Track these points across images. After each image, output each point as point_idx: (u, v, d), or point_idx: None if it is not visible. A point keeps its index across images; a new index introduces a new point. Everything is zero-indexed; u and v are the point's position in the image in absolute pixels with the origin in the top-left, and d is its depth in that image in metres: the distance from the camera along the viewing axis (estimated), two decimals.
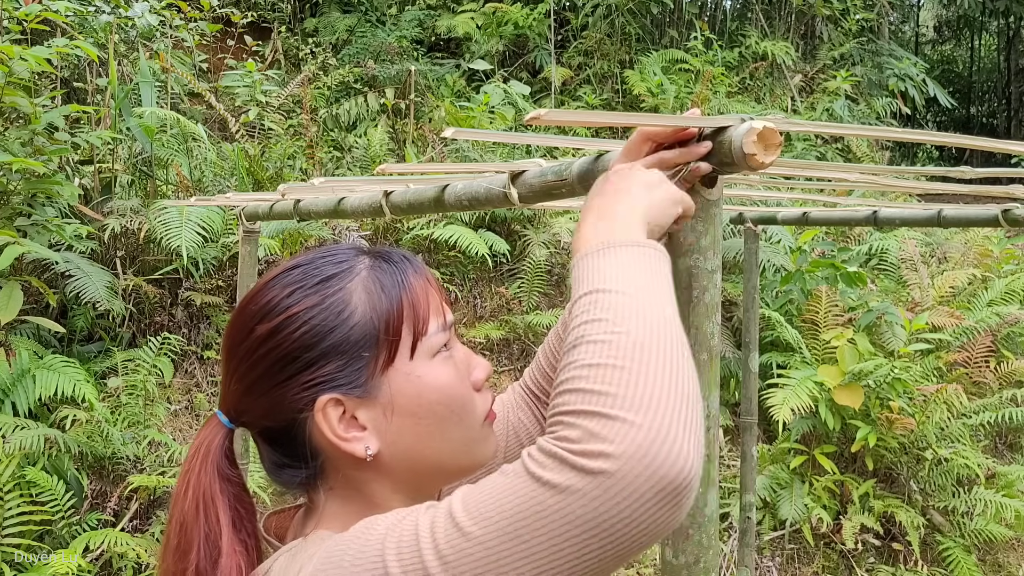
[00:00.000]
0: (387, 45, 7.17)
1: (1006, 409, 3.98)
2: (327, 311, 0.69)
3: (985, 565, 3.86)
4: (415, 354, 0.71)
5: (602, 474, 0.49)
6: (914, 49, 13.53)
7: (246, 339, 0.71)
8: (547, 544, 0.50)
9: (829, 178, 1.71)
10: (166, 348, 3.62)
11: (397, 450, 0.71)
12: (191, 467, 0.71)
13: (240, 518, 0.71)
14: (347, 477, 0.72)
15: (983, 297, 4.83)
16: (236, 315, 0.73)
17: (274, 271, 0.74)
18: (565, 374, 0.56)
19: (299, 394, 0.69)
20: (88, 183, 4.09)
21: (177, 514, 0.70)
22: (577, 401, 0.53)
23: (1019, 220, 1.78)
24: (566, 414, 0.53)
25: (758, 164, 0.72)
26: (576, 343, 0.57)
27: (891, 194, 3.64)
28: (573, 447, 0.50)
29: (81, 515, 3.03)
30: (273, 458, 0.73)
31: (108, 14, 4.45)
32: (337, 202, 1.61)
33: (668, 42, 8.24)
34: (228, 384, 0.73)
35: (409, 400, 0.70)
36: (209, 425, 0.74)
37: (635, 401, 0.51)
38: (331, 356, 0.69)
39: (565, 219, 5.07)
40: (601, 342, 0.55)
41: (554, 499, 0.50)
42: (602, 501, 0.49)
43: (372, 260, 0.74)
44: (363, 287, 0.71)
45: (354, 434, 0.69)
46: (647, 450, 0.49)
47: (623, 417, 0.50)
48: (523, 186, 1.00)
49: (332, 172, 5.44)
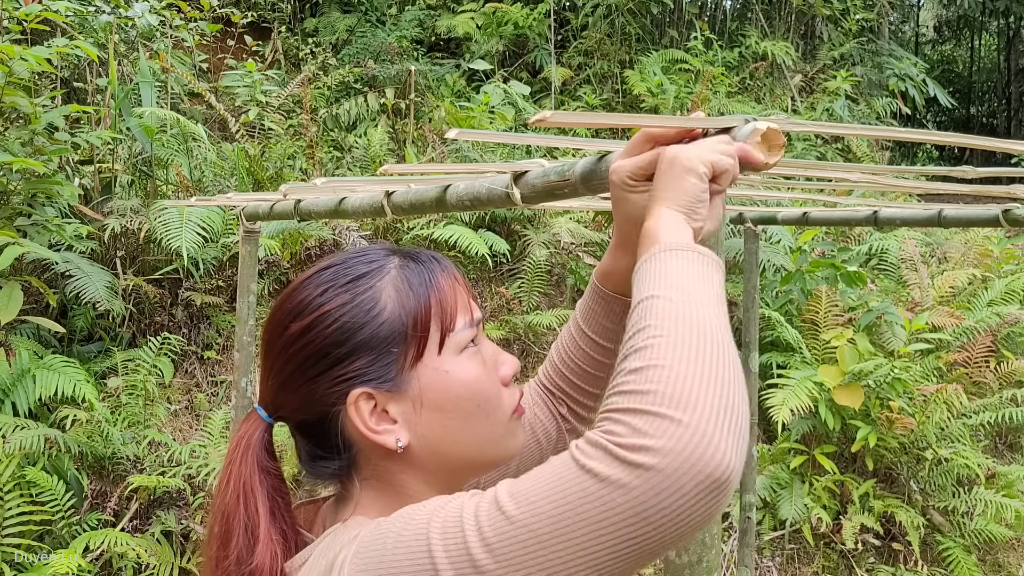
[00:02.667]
0: (387, 45, 7.17)
1: (1006, 409, 3.98)
2: (357, 308, 0.72)
3: (985, 565, 3.86)
4: (443, 350, 0.74)
5: (645, 468, 0.50)
6: (914, 49, 13.54)
7: (280, 336, 0.74)
8: (588, 531, 0.52)
9: (829, 178, 1.71)
10: (166, 348, 3.62)
11: (427, 443, 0.73)
12: (232, 459, 0.75)
13: (278, 508, 0.74)
14: (379, 468, 0.75)
15: (983, 297, 4.84)
16: (272, 314, 0.77)
17: (308, 271, 0.77)
18: (614, 380, 0.58)
19: (331, 388, 0.72)
20: (88, 183, 4.09)
21: (220, 504, 0.73)
22: (624, 401, 0.55)
23: (1019, 220, 1.78)
24: (614, 411, 0.55)
25: (762, 165, 0.73)
26: (627, 353, 0.59)
27: (891, 194, 3.64)
28: (619, 440, 0.52)
29: (81, 515, 3.03)
30: (308, 450, 0.76)
31: (108, 14, 4.45)
32: (338, 202, 1.61)
33: (668, 42, 8.24)
34: (266, 380, 0.76)
35: (437, 394, 0.73)
36: (249, 419, 0.77)
37: (678, 399, 0.52)
38: (361, 351, 0.72)
39: (565, 219, 5.07)
40: (646, 347, 0.57)
41: (598, 488, 0.52)
42: (644, 493, 0.50)
43: (401, 260, 0.77)
44: (392, 285, 0.74)
45: (385, 427, 0.72)
46: (689, 446, 0.50)
47: (667, 414, 0.52)
48: (525, 186, 1.00)
49: (332, 172, 5.44)
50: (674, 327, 0.58)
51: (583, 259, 5.01)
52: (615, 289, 0.92)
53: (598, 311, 0.94)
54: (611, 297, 0.93)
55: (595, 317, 0.95)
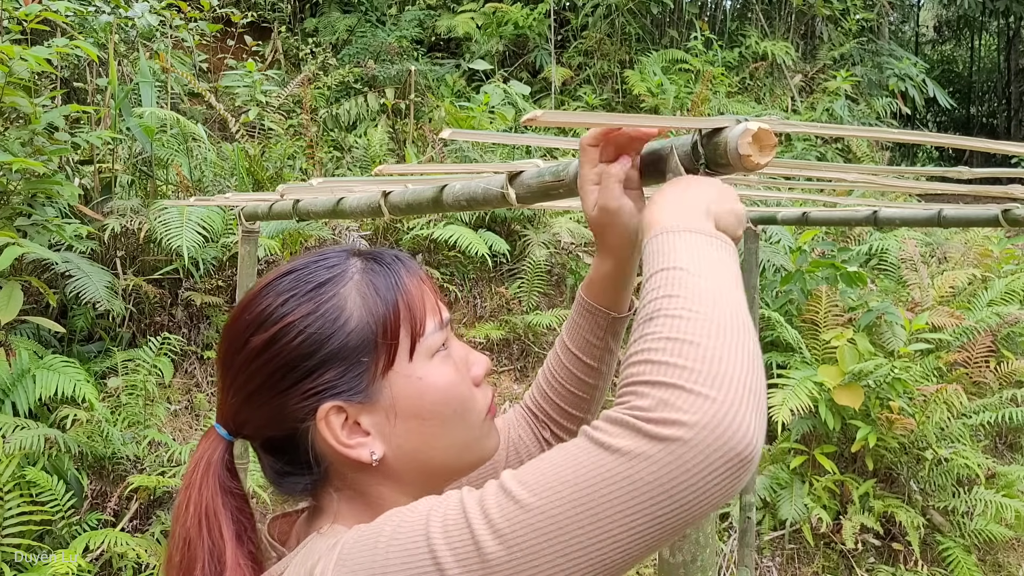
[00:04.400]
0: (387, 45, 7.17)
1: (1006, 409, 3.98)
2: (323, 318, 0.69)
3: (985, 565, 3.86)
4: (414, 355, 0.71)
5: (676, 441, 0.50)
6: (914, 49, 13.53)
7: (241, 351, 0.70)
8: (614, 509, 0.50)
9: (829, 178, 1.71)
10: (166, 348, 3.62)
11: (403, 452, 0.71)
12: (192, 482, 0.71)
13: (243, 530, 0.70)
14: (353, 481, 0.72)
15: (983, 297, 4.83)
16: (230, 326, 0.72)
17: (266, 278, 0.73)
18: (641, 344, 0.56)
19: (300, 404, 0.69)
20: (88, 183, 4.09)
21: (180, 530, 0.69)
22: (653, 372, 0.54)
23: (1019, 220, 1.78)
24: (640, 384, 0.54)
25: (753, 165, 0.73)
26: (652, 315, 0.58)
27: (891, 194, 3.64)
28: (646, 415, 0.51)
29: (81, 515, 3.03)
30: (276, 467, 0.73)
31: (108, 14, 4.45)
32: (336, 202, 1.61)
33: (668, 42, 8.24)
34: (226, 396, 0.72)
35: (411, 402, 0.70)
36: (208, 438, 0.73)
37: (711, 377, 0.52)
38: (330, 364, 0.68)
39: (565, 219, 5.07)
40: (678, 317, 0.56)
41: (623, 465, 0.51)
42: (673, 467, 0.50)
43: (364, 262, 0.73)
44: (357, 291, 0.71)
45: (358, 440, 0.69)
46: (720, 421, 0.50)
47: (699, 391, 0.51)
48: (520, 187, 1.00)
49: (332, 172, 5.44)
50: (710, 305, 0.57)
51: (583, 259, 5.01)
52: (599, 301, 0.92)
53: (583, 325, 0.94)
54: (596, 310, 0.93)
55: (579, 332, 0.94)
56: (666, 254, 0.63)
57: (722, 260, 0.63)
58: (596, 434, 0.53)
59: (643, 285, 0.63)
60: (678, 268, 0.61)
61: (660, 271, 0.61)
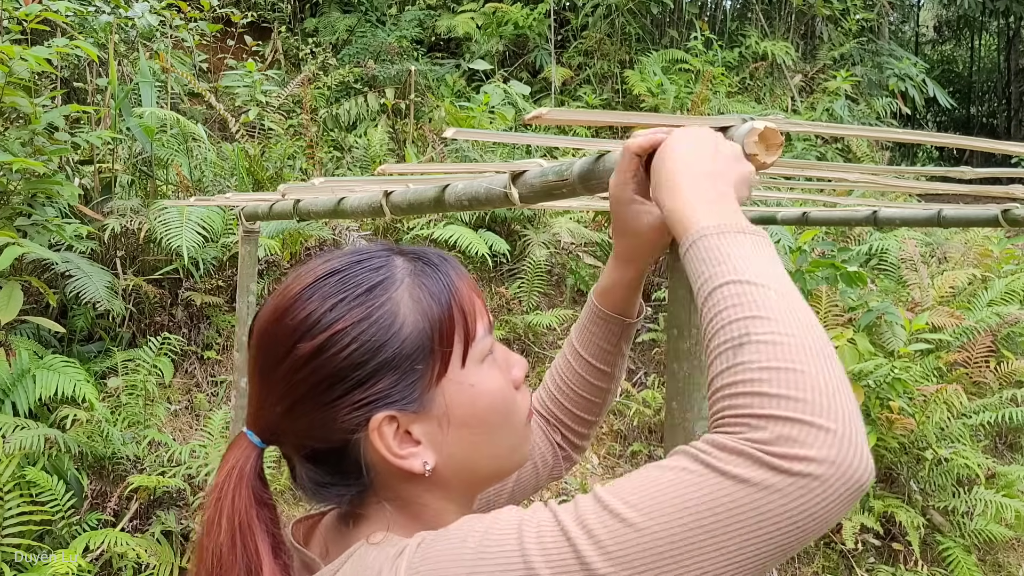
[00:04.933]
0: (387, 45, 7.17)
1: (1006, 409, 3.98)
2: (376, 325, 0.65)
3: (985, 565, 3.86)
4: (466, 361, 0.68)
5: (806, 476, 0.51)
6: (914, 49, 13.54)
7: (284, 359, 0.66)
8: (739, 536, 0.51)
9: (829, 178, 1.71)
10: (166, 348, 3.62)
11: (453, 461, 0.68)
12: (223, 493, 0.67)
13: (278, 543, 0.67)
14: (399, 490, 0.69)
15: (983, 297, 4.83)
16: (268, 331, 0.68)
17: (304, 279, 0.68)
18: (741, 375, 0.55)
19: (350, 415, 0.65)
20: (88, 183, 4.09)
21: (210, 544, 0.65)
22: (766, 405, 0.53)
23: (1019, 220, 1.78)
24: (752, 416, 0.53)
25: (759, 164, 0.73)
26: (742, 341, 0.57)
27: (891, 194, 3.64)
28: (770, 448, 0.52)
29: (81, 515, 3.03)
30: (316, 477, 0.69)
31: (108, 14, 4.45)
32: (337, 202, 1.61)
33: (668, 42, 8.24)
34: (263, 404, 0.68)
35: (464, 410, 0.68)
36: (238, 446, 0.69)
37: (825, 408, 0.53)
38: (384, 372, 0.65)
39: (565, 219, 5.07)
40: (772, 344, 0.56)
41: (751, 495, 0.51)
42: (803, 500, 0.51)
43: (409, 263, 0.70)
44: (410, 295, 0.67)
45: (409, 450, 0.67)
46: (845, 456, 0.52)
47: (819, 424, 0.52)
48: (524, 186, 1.00)
49: (332, 172, 5.44)
50: (795, 325, 0.57)
51: (583, 259, 5.01)
52: (614, 308, 0.92)
53: (596, 333, 0.93)
54: (610, 317, 0.92)
55: (592, 339, 0.93)
56: (720, 263, 0.61)
57: (773, 259, 0.62)
58: (714, 462, 0.53)
59: (702, 297, 0.61)
60: (744, 282, 0.59)
61: (725, 284, 0.60)
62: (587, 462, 4.07)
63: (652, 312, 4.85)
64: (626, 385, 4.40)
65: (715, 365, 0.58)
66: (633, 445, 4.21)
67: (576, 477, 3.91)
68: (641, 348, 4.76)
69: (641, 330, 4.71)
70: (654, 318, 4.81)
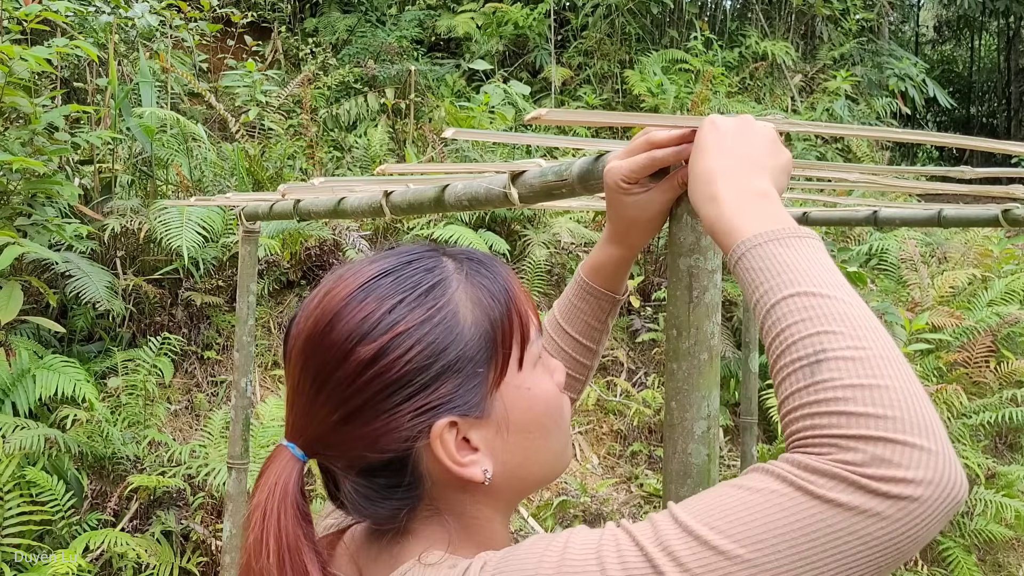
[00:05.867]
0: (387, 45, 7.18)
1: (1006, 409, 3.98)
2: (439, 327, 0.63)
3: (985, 565, 3.86)
4: (523, 364, 0.67)
5: (907, 499, 0.49)
6: (914, 49, 13.54)
7: (342, 364, 0.62)
8: (835, 563, 0.49)
9: (829, 178, 1.71)
10: (166, 348, 3.62)
11: (507, 468, 0.66)
12: (267, 511, 0.63)
13: (324, 562, 0.64)
14: (450, 501, 0.66)
15: (983, 297, 4.84)
16: (321, 336, 0.64)
17: (352, 281, 0.65)
18: (819, 394, 0.53)
19: (412, 421, 0.62)
20: (88, 183, 4.09)
21: (258, 567, 0.61)
22: (853, 424, 0.51)
23: (1019, 220, 1.78)
24: (841, 437, 0.51)
25: None
26: (818, 358, 0.54)
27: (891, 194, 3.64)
28: (865, 471, 0.49)
29: (81, 515, 3.03)
30: (368, 493, 0.65)
31: (108, 14, 4.46)
32: (337, 202, 1.61)
33: (668, 42, 8.25)
34: (311, 414, 0.65)
35: (522, 414, 0.66)
36: (279, 460, 0.65)
37: (917, 424, 0.50)
38: (447, 376, 0.63)
39: (565, 219, 5.07)
40: (851, 359, 0.53)
41: (851, 520, 0.49)
42: (905, 523, 0.49)
43: (463, 264, 0.68)
44: (468, 296, 0.65)
45: (469, 458, 0.64)
46: (942, 474, 0.50)
47: (914, 443, 0.50)
48: (523, 186, 1.01)
49: (332, 172, 5.45)
50: (870, 336, 0.54)
51: (583, 259, 5.01)
52: (603, 284, 0.92)
53: (584, 309, 0.93)
54: (600, 293, 0.92)
55: (579, 316, 0.93)
56: (779, 273, 0.59)
57: (829, 264, 0.60)
58: (807, 485, 0.50)
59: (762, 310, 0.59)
60: (808, 293, 0.57)
61: (788, 298, 0.57)
62: (587, 462, 4.08)
63: (652, 312, 4.86)
64: (626, 385, 4.40)
65: (789, 383, 0.55)
66: (633, 445, 4.21)
67: (576, 477, 3.92)
68: (641, 348, 4.76)
69: (641, 330, 4.71)
70: (654, 318, 4.82)
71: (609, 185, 0.79)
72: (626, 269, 0.91)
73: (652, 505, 3.89)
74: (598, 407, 4.34)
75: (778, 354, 0.56)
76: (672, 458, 0.78)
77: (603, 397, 4.33)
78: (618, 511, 3.79)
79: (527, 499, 3.79)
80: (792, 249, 0.60)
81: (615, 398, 4.36)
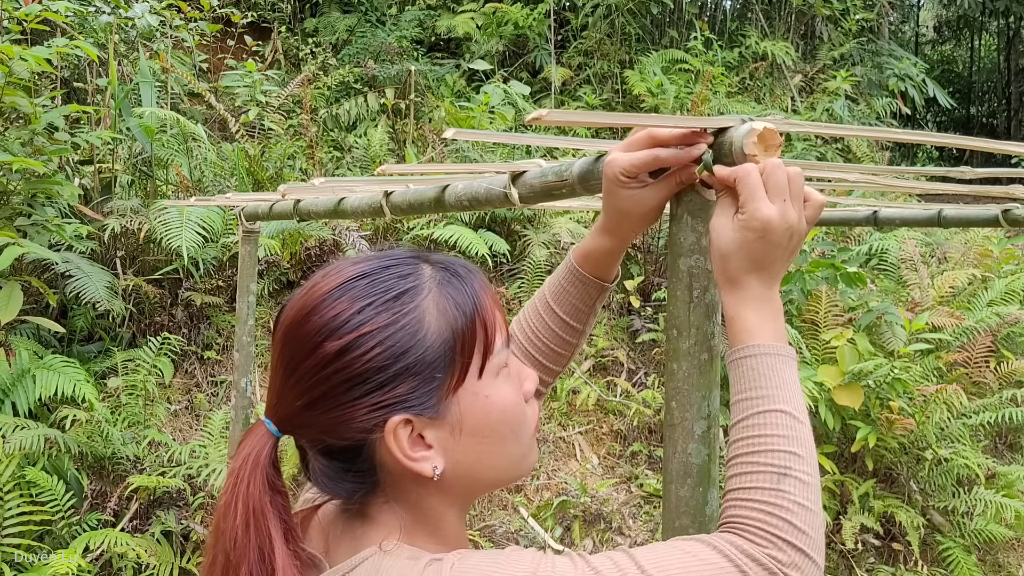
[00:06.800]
0: (387, 45, 7.18)
1: (1006, 409, 3.98)
2: (402, 331, 0.68)
3: (985, 565, 3.86)
4: (483, 373, 0.71)
5: None
6: (914, 49, 13.54)
7: (310, 355, 0.68)
8: None
9: (829, 178, 1.71)
10: (166, 348, 3.62)
11: (460, 468, 0.71)
12: (239, 478, 0.69)
13: (290, 530, 0.69)
14: (407, 492, 0.72)
15: (983, 297, 4.83)
16: (296, 327, 0.70)
17: (333, 280, 0.71)
18: (779, 500, 0.66)
19: (368, 415, 0.68)
20: (88, 183, 4.09)
21: (226, 529, 0.68)
22: (790, 534, 0.65)
23: (1019, 220, 1.78)
24: (779, 539, 0.65)
25: None
26: (784, 472, 0.67)
27: (891, 194, 3.64)
28: (785, 570, 0.64)
29: (81, 515, 3.03)
30: (328, 471, 0.72)
31: (108, 14, 4.45)
32: (337, 202, 1.61)
33: (668, 42, 8.24)
34: (283, 395, 0.71)
35: (476, 420, 0.71)
36: (255, 433, 0.72)
37: (820, 544, 0.66)
38: (405, 377, 0.68)
39: (565, 219, 5.07)
40: (806, 484, 0.67)
41: None
42: None
43: (436, 272, 0.72)
44: (435, 305, 0.70)
45: (421, 453, 0.69)
46: None
47: (816, 559, 0.65)
48: (524, 187, 1.01)
49: (332, 172, 5.44)
50: (815, 465, 0.69)
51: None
52: (592, 271, 0.93)
53: (573, 293, 0.95)
54: (588, 280, 0.94)
55: (568, 298, 0.95)
56: (777, 387, 0.70)
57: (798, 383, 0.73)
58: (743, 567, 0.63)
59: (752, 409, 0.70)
60: (790, 414, 0.69)
61: (776, 412, 0.69)
62: (587, 462, 4.08)
63: (652, 312, 4.85)
64: (626, 385, 4.40)
65: (754, 478, 0.67)
66: (633, 445, 4.21)
67: (576, 477, 3.91)
68: (641, 348, 4.76)
69: (641, 330, 4.71)
70: (654, 318, 4.81)
71: (608, 176, 0.81)
72: (616, 259, 0.93)
73: (652, 505, 3.89)
74: (598, 407, 4.34)
75: (753, 449, 0.69)
76: (672, 458, 0.79)
77: (603, 397, 4.33)
78: (618, 511, 3.79)
79: (527, 499, 3.79)
80: (790, 370, 0.72)
81: (615, 398, 4.36)
